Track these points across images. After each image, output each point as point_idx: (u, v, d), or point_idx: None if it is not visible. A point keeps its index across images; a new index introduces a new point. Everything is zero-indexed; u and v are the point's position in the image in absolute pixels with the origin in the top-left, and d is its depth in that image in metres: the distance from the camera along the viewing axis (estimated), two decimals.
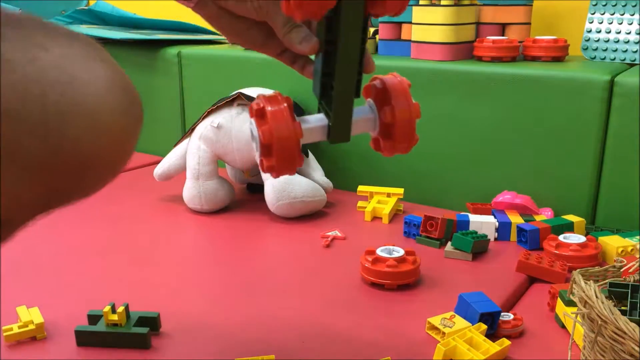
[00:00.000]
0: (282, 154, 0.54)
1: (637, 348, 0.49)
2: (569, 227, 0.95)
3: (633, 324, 0.50)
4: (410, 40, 1.19)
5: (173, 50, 1.42)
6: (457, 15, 1.12)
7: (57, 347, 0.67)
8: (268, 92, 1.17)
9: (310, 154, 1.14)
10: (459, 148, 1.11)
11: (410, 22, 1.18)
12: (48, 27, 0.41)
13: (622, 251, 0.86)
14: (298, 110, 1.22)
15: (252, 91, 1.17)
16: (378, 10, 0.47)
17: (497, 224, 0.97)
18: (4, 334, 0.68)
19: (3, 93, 0.35)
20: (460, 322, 0.69)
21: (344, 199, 1.16)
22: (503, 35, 1.18)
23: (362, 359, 0.67)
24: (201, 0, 0.57)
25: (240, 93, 1.10)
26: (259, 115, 0.54)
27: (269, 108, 0.53)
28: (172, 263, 0.85)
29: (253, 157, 1.10)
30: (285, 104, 0.54)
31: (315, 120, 0.56)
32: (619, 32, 1.12)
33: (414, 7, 1.16)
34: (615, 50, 1.12)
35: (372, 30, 1.27)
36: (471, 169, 1.11)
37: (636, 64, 1.09)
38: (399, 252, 0.84)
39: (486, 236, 0.93)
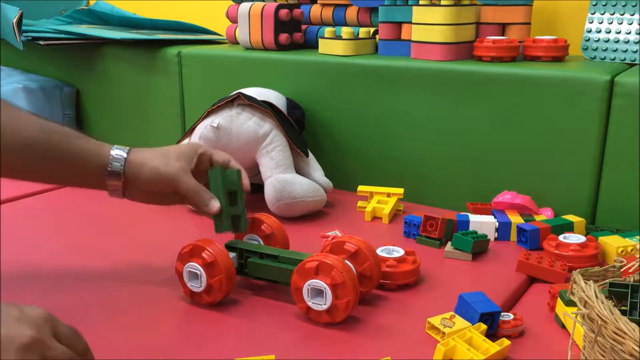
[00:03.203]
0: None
1: (637, 348, 0.49)
2: (569, 227, 0.95)
3: (633, 324, 0.50)
4: (410, 40, 1.19)
5: (173, 50, 1.42)
6: (457, 15, 1.12)
7: None
8: (267, 92, 1.17)
9: (310, 154, 1.14)
10: (459, 148, 1.11)
11: (410, 22, 1.18)
12: None
13: (622, 251, 0.86)
14: (297, 109, 1.22)
15: (252, 91, 1.17)
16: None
17: (497, 224, 0.97)
18: None
19: None
20: (460, 322, 0.69)
21: (344, 199, 1.16)
22: (503, 35, 1.18)
23: (362, 359, 0.67)
24: (128, 194, 0.79)
25: (240, 93, 1.10)
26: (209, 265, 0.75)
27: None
28: (172, 263, 0.85)
29: (253, 157, 1.10)
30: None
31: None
32: (619, 32, 1.12)
33: (414, 7, 1.16)
34: (615, 50, 1.12)
35: (372, 30, 1.27)
36: (471, 169, 1.11)
37: (636, 64, 1.09)
38: (399, 252, 0.84)
39: (486, 236, 0.93)
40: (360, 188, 1.13)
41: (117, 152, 0.77)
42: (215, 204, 0.77)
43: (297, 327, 0.72)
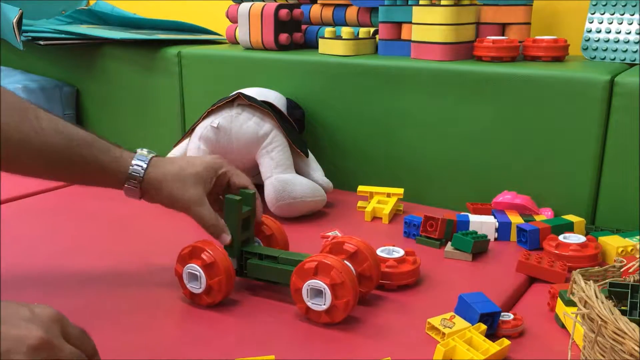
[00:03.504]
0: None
1: (637, 348, 0.49)
2: (569, 227, 0.95)
3: (633, 324, 0.50)
4: (410, 40, 1.19)
5: (173, 50, 1.42)
6: (457, 15, 1.12)
7: None
8: (267, 92, 1.18)
9: (310, 154, 1.14)
10: (459, 148, 1.11)
11: (410, 22, 1.18)
12: None
13: (622, 251, 0.86)
14: (297, 110, 1.22)
15: (252, 91, 1.17)
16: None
17: (497, 224, 0.97)
18: None
19: None
20: (460, 323, 0.69)
21: (344, 199, 1.16)
22: (503, 35, 1.18)
23: (362, 359, 0.67)
24: (145, 195, 0.79)
25: (240, 93, 1.10)
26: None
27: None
28: (172, 264, 0.85)
29: (253, 158, 1.10)
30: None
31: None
32: (619, 32, 1.12)
33: (414, 7, 1.16)
34: (615, 50, 1.12)
35: (372, 30, 1.27)
36: (471, 169, 1.11)
37: (636, 64, 1.09)
38: (399, 252, 0.84)
39: (486, 236, 0.93)
40: (360, 188, 1.13)
41: (136, 167, 0.78)
42: (226, 238, 0.78)
43: (297, 327, 0.72)
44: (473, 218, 0.98)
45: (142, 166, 0.78)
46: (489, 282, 0.83)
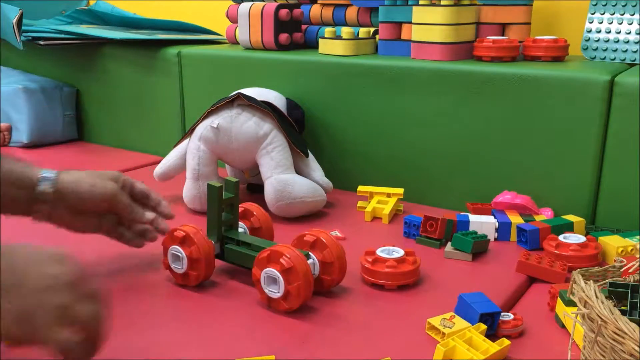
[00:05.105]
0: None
1: (637, 348, 0.49)
2: (569, 227, 0.95)
3: (633, 324, 0.50)
4: (410, 40, 1.19)
5: (173, 50, 1.42)
6: (457, 15, 1.12)
7: None
8: (267, 92, 1.18)
9: (310, 154, 1.14)
10: (459, 148, 1.11)
11: (410, 22, 1.18)
12: None
13: (622, 251, 0.86)
14: (297, 110, 1.22)
15: (252, 91, 1.17)
16: None
17: (497, 224, 0.97)
18: None
19: None
20: (460, 323, 0.69)
21: (344, 199, 1.16)
22: (503, 35, 1.18)
23: (363, 359, 0.67)
24: (54, 215, 0.80)
25: (240, 93, 1.10)
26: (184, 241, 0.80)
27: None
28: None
29: (253, 158, 1.10)
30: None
31: None
32: (619, 32, 1.12)
33: (414, 7, 1.16)
34: (615, 50, 1.12)
35: (372, 30, 1.27)
36: (471, 169, 1.11)
37: (636, 64, 1.09)
38: (399, 252, 0.84)
39: (486, 236, 0.93)
40: (360, 188, 1.13)
41: (46, 174, 0.79)
42: (149, 215, 0.86)
43: (297, 327, 0.72)
44: (473, 218, 0.98)
45: (51, 173, 0.79)
46: (489, 282, 0.83)
